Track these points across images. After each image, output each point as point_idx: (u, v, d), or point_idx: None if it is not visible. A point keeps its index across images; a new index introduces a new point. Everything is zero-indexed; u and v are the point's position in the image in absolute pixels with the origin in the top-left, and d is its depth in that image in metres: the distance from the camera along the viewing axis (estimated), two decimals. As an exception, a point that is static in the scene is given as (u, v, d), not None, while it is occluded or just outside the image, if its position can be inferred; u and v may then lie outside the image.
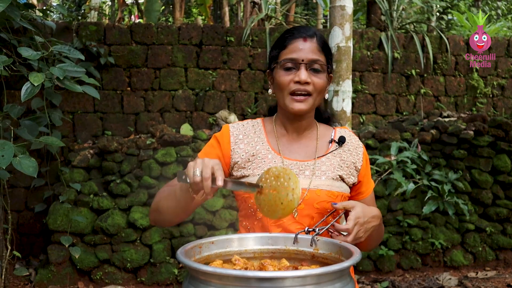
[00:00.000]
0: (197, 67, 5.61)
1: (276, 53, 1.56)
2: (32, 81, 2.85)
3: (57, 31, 5.21)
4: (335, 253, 1.24)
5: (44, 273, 4.36)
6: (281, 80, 1.51)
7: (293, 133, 1.61)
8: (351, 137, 1.66)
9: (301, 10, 10.15)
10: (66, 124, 5.24)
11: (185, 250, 1.16)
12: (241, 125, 1.63)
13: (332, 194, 1.52)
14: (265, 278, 1.00)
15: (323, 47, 1.54)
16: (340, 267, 1.04)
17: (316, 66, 1.50)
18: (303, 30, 1.54)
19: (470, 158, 5.19)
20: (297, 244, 1.32)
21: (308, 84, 1.49)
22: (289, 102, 1.51)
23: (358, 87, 5.86)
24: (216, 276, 1.02)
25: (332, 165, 1.56)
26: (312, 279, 1.02)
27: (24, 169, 2.75)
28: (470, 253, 5.03)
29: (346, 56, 3.09)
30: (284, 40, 1.54)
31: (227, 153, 1.57)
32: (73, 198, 4.51)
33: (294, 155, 1.57)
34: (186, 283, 1.10)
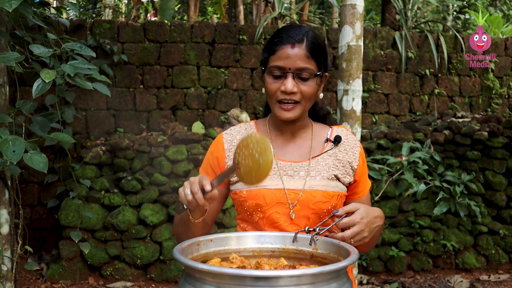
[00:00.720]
0: (209, 65, 5.62)
1: (265, 57, 1.53)
2: (43, 77, 2.87)
3: (71, 29, 5.27)
4: (334, 253, 1.23)
5: (55, 268, 4.40)
6: (269, 87, 1.49)
7: (287, 134, 1.59)
8: (348, 136, 1.63)
9: (315, 9, 10.10)
10: (79, 121, 5.30)
11: (182, 247, 1.17)
12: (234, 130, 1.62)
13: (328, 194, 1.50)
14: (260, 277, 0.99)
15: (312, 51, 1.47)
16: (336, 267, 1.03)
17: (304, 74, 1.46)
18: (292, 34, 1.47)
19: (484, 160, 5.12)
20: (297, 244, 1.31)
21: (295, 93, 1.46)
22: (277, 110, 1.50)
23: (371, 86, 5.82)
24: (211, 274, 1.02)
25: (327, 165, 1.54)
26: (307, 279, 1.01)
27: (35, 164, 2.78)
28: (483, 255, 4.97)
29: (357, 55, 3.07)
30: (273, 45, 1.50)
31: (222, 161, 1.57)
32: (84, 194, 4.55)
33: (288, 156, 1.56)
34: (182, 280, 1.10)
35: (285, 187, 1.49)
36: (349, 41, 3.06)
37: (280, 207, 1.48)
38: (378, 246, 4.81)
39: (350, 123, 3.09)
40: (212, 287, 1.02)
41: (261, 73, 1.58)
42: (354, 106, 3.10)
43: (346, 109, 3.11)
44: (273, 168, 1.51)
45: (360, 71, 3.09)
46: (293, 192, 1.49)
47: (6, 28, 3.27)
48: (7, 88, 3.33)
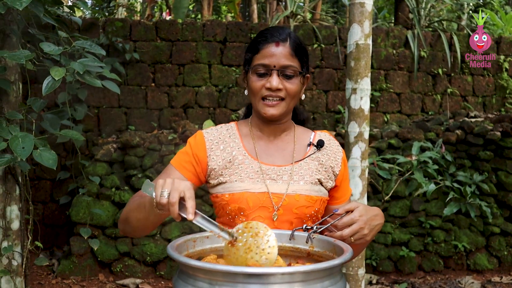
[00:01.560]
0: (221, 63, 5.63)
1: (249, 57, 1.53)
2: (53, 75, 2.90)
3: (84, 27, 5.32)
4: (330, 251, 1.23)
5: (66, 264, 4.45)
6: (253, 85, 1.49)
7: (269, 136, 1.58)
8: (330, 141, 1.62)
9: (327, 8, 10.06)
10: (91, 118, 5.35)
11: (177, 244, 1.17)
12: (215, 130, 1.60)
13: (311, 199, 1.49)
14: (252, 274, 0.99)
15: (296, 50, 1.50)
16: (329, 265, 1.02)
17: (288, 72, 1.48)
18: (276, 34, 1.50)
19: (497, 160, 5.06)
20: (293, 242, 1.31)
21: (280, 90, 1.47)
22: (261, 107, 1.49)
23: (383, 85, 5.79)
24: (203, 271, 1.02)
25: (310, 169, 1.53)
26: (300, 276, 1.01)
27: (44, 161, 2.81)
28: (495, 257, 4.91)
29: (365, 54, 3.05)
30: (257, 44, 1.51)
31: (203, 160, 1.53)
32: (95, 191, 4.59)
33: (271, 159, 1.54)
34: (175, 277, 1.11)
35: (269, 190, 1.47)
36: (358, 39, 3.04)
37: (263, 211, 1.46)
38: (389, 246, 4.78)
39: (358, 122, 3.08)
40: (204, 283, 1.03)
41: (244, 73, 1.57)
42: (362, 105, 3.09)
43: (354, 108, 3.10)
44: (256, 171, 1.50)
45: (368, 70, 3.07)
46: (277, 196, 1.47)
47: (18, 27, 3.31)
48: (18, 86, 3.38)
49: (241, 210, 1.46)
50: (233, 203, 1.46)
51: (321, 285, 1.04)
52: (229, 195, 1.47)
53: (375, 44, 5.78)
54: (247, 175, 1.49)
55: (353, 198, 3.02)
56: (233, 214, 1.47)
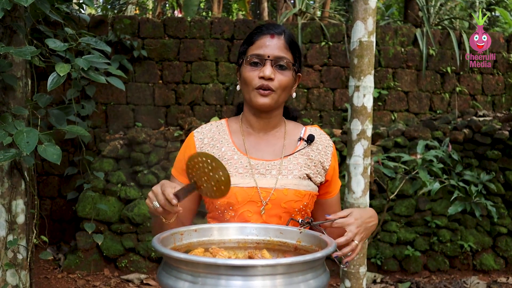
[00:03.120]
0: (228, 61, 5.64)
1: (244, 49, 1.56)
2: (58, 71, 2.93)
3: (93, 24, 5.36)
4: (316, 245, 1.24)
5: (72, 259, 4.50)
6: (246, 75, 1.51)
7: (260, 131, 1.59)
8: (321, 136, 1.64)
9: (336, 5, 10.02)
10: (99, 115, 5.39)
11: (163, 236, 1.18)
12: (205, 128, 1.63)
13: (300, 193, 1.50)
14: (234, 266, 1.01)
15: (290, 45, 1.53)
16: (311, 257, 1.03)
17: (282, 63, 1.50)
18: (271, 27, 1.53)
19: (505, 159, 5.01)
20: (281, 236, 1.32)
21: (272, 80, 1.48)
22: (253, 96, 1.50)
23: (391, 84, 5.76)
24: (186, 263, 1.04)
25: (299, 164, 1.54)
26: (282, 269, 1.02)
27: (49, 156, 2.83)
28: (502, 257, 4.87)
29: (369, 51, 3.03)
30: (252, 36, 1.54)
31: None
32: (101, 187, 4.63)
33: (261, 154, 1.56)
34: (160, 269, 1.12)
35: (258, 185, 1.49)
36: (361, 37, 3.03)
37: (251, 205, 1.48)
38: (394, 245, 4.76)
39: (361, 119, 3.07)
40: (188, 275, 1.04)
41: (238, 66, 1.59)
42: (365, 103, 3.07)
43: (357, 105, 3.09)
44: (245, 166, 1.52)
45: (372, 67, 3.06)
46: (265, 191, 1.49)
47: (25, 23, 3.35)
48: (26, 82, 3.42)
49: (230, 205, 1.48)
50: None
51: (303, 278, 1.05)
52: None
53: (383, 42, 5.75)
54: (236, 170, 1.51)
55: (355, 196, 3.02)
56: (222, 208, 1.50)
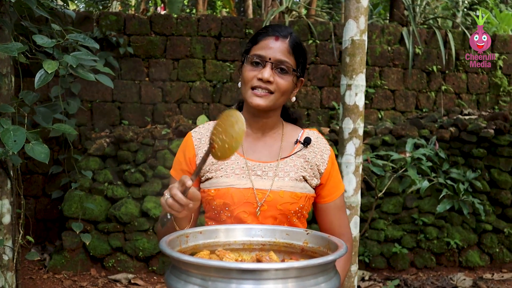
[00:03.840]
0: (215, 58, 5.61)
1: (248, 47, 1.55)
2: (45, 68, 2.87)
3: (78, 21, 5.28)
4: (324, 247, 1.22)
5: (58, 259, 4.43)
6: (246, 74, 1.49)
7: (257, 132, 1.59)
8: (318, 140, 1.63)
9: (323, 4, 10.05)
10: (84, 112, 5.31)
11: (170, 239, 1.16)
12: (202, 127, 1.62)
13: (296, 196, 1.49)
14: (246, 269, 0.99)
15: (294, 49, 1.51)
16: (323, 260, 1.02)
17: (282, 67, 1.48)
18: (278, 29, 1.52)
19: (490, 157, 5.07)
20: (287, 237, 1.30)
21: (270, 83, 1.47)
22: (249, 96, 1.49)
23: (378, 82, 5.79)
24: (196, 267, 1.01)
25: (295, 166, 1.54)
26: (294, 272, 1.01)
27: (36, 155, 2.78)
28: (487, 254, 4.93)
29: (360, 50, 3.04)
30: (257, 36, 1.53)
31: (192, 160, 1.57)
32: (88, 186, 4.56)
33: (257, 156, 1.55)
34: (168, 272, 1.10)
35: (254, 186, 1.48)
36: (353, 35, 3.03)
37: (247, 206, 1.48)
38: (381, 242, 4.79)
39: (353, 118, 3.07)
40: (197, 279, 1.02)
41: (240, 65, 1.58)
42: (357, 101, 3.08)
43: (349, 104, 3.09)
44: (242, 167, 1.51)
45: (363, 66, 3.06)
46: (261, 192, 1.48)
47: (10, 19, 3.27)
48: (11, 78, 3.34)
49: (226, 206, 1.48)
50: (218, 198, 1.49)
51: (315, 281, 1.03)
52: (214, 190, 1.49)
53: (370, 41, 5.77)
54: (232, 171, 1.51)
55: (346, 195, 3.02)
56: (219, 209, 1.49)
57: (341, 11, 9.46)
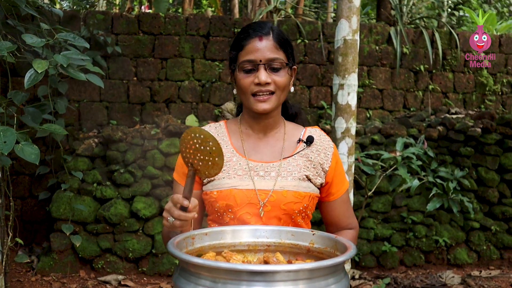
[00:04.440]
0: (204, 58, 5.58)
1: (234, 55, 1.52)
2: (36, 68, 2.83)
3: (65, 19, 5.21)
4: (331, 247, 1.22)
5: (46, 261, 4.37)
6: (241, 83, 1.48)
7: (259, 133, 1.57)
8: (321, 137, 1.62)
9: (310, 3, 10.07)
10: (71, 112, 5.25)
11: (177, 241, 1.15)
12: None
13: (300, 195, 1.48)
14: (256, 271, 0.98)
15: (280, 43, 1.49)
16: (334, 262, 1.01)
17: (275, 64, 1.47)
18: (258, 28, 1.49)
19: (477, 156, 5.13)
20: (293, 238, 1.30)
21: (269, 84, 1.46)
22: (252, 104, 1.48)
23: (366, 81, 5.81)
24: (207, 269, 1.01)
25: (298, 166, 1.53)
26: (304, 274, 1.00)
27: (26, 156, 2.74)
28: (474, 251, 4.99)
29: (353, 49, 3.05)
30: (241, 41, 1.50)
31: None
32: (76, 187, 4.51)
33: (260, 156, 1.54)
34: (176, 274, 1.08)
35: (256, 187, 1.47)
36: (345, 35, 3.04)
37: (251, 207, 1.47)
38: (371, 241, 4.82)
39: (345, 117, 3.08)
40: (207, 281, 1.01)
41: (231, 72, 1.56)
42: (350, 101, 3.09)
43: (341, 104, 3.10)
44: (244, 168, 1.50)
45: (356, 65, 3.08)
46: (264, 193, 1.47)
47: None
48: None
49: (229, 207, 1.46)
50: (221, 200, 1.47)
51: (325, 283, 1.03)
52: (217, 192, 1.48)
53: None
54: (234, 172, 1.50)
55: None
56: (221, 211, 1.48)
57: (327, 10, 9.50)
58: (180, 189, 1.56)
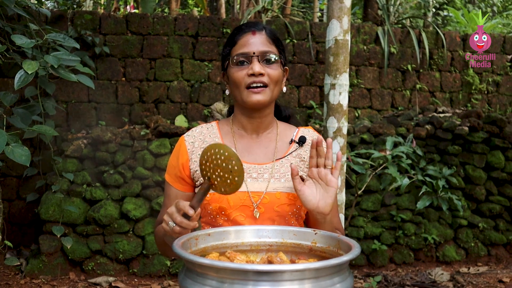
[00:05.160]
0: (192, 58, 5.57)
1: (227, 51, 1.53)
2: (26, 69, 2.81)
3: (51, 20, 5.16)
4: (333, 246, 1.23)
5: (35, 263, 4.33)
6: (235, 75, 1.48)
7: (252, 133, 1.57)
8: (314, 137, 1.60)
9: (298, 3, 10.10)
10: (59, 113, 5.19)
11: (181, 242, 1.15)
12: (195, 131, 1.60)
13: (293, 196, 1.48)
14: (263, 271, 0.98)
15: (273, 39, 1.52)
16: (340, 261, 1.02)
17: (269, 57, 1.48)
18: (252, 25, 1.52)
19: (465, 154, 5.20)
20: (295, 238, 1.31)
21: (263, 75, 1.46)
22: (246, 96, 1.47)
23: (354, 81, 5.85)
24: (213, 269, 1.01)
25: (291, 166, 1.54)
26: (310, 273, 1.01)
27: (17, 158, 2.71)
28: (463, 248, 5.05)
29: (344, 49, 3.07)
30: (234, 37, 1.52)
31: (186, 164, 1.54)
32: (65, 188, 4.47)
33: (253, 158, 1.54)
34: (182, 275, 1.08)
35: (249, 189, 1.47)
36: (337, 35, 3.06)
37: (244, 210, 1.47)
38: (361, 239, 4.85)
39: (337, 117, 3.10)
40: (214, 281, 1.01)
41: (223, 71, 1.57)
42: (341, 100, 3.11)
43: (333, 103, 3.12)
44: None
45: (347, 65, 3.10)
46: (257, 195, 1.47)
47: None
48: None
49: (222, 210, 1.46)
50: (214, 202, 1.46)
51: (331, 282, 1.04)
52: (210, 194, 1.46)
53: (346, 40, 5.82)
54: None
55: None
56: (214, 213, 1.48)
57: (313, 10, 9.53)
58: (173, 191, 1.57)
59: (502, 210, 5.13)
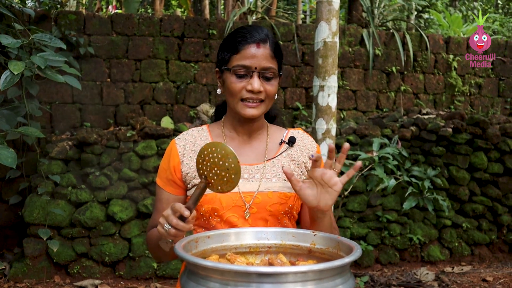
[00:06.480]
0: (178, 59, 5.55)
1: (227, 57, 1.51)
2: (12, 69, 2.77)
3: (35, 19, 5.10)
4: (333, 248, 1.23)
5: (19, 267, 4.26)
6: (232, 86, 1.47)
7: (243, 136, 1.58)
8: (303, 138, 1.64)
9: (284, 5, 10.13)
10: (43, 114, 5.12)
11: (182, 244, 1.14)
12: (186, 134, 1.60)
13: (285, 196, 1.50)
14: (266, 273, 0.98)
15: (275, 52, 1.51)
16: (343, 262, 1.03)
17: (269, 74, 1.47)
18: (255, 34, 1.48)
19: (448, 155, 5.26)
20: (294, 239, 1.31)
21: (261, 92, 1.47)
22: (240, 108, 1.48)
23: (340, 83, 5.89)
24: (216, 271, 1.01)
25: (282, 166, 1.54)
26: (314, 275, 1.01)
27: (3, 160, 2.67)
28: (447, 248, 5.12)
29: (332, 52, 3.09)
30: (236, 44, 1.49)
31: (177, 167, 1.54)
32: (50, 190, 4.42)
33: (244, 159, 1.54)
34: (184, 278, 1.08)
35: (240, 190, 1.48)
36: (325, 37, 3.08)
37: (236, 210, 1.47)
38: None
39: (326, 119, 3.11)
40: (217, 284, 1.01)
41: (219, 72, 1.56)
42: (330, 102, 3.13)
43: (322, 105, 3.13)
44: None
45: (336, 67, 3.12)
46: (249, 195, 1.48)
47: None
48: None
49: (214, 211, 1.46)
50: (206, 204, 1.46)
51: (333, 283, 1.04)
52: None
53: (332, 42, 5.86)
54: None
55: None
56: (207, 215, 1.48)
57: (296, 12, 9.57)
58: (165, 195, 1.57)
59: (485, 210, 5.21)
